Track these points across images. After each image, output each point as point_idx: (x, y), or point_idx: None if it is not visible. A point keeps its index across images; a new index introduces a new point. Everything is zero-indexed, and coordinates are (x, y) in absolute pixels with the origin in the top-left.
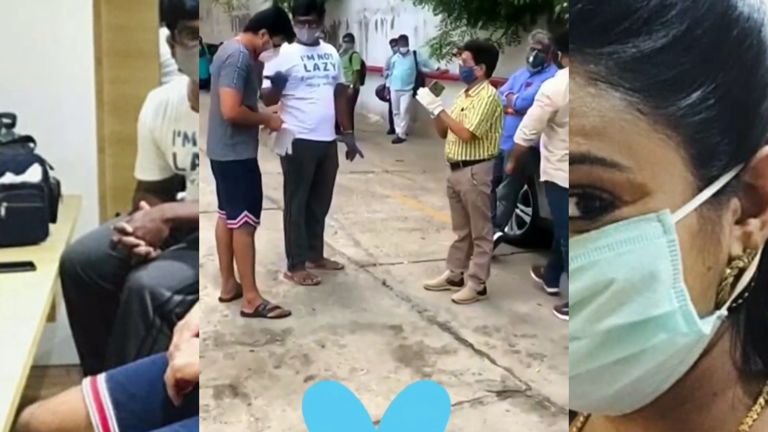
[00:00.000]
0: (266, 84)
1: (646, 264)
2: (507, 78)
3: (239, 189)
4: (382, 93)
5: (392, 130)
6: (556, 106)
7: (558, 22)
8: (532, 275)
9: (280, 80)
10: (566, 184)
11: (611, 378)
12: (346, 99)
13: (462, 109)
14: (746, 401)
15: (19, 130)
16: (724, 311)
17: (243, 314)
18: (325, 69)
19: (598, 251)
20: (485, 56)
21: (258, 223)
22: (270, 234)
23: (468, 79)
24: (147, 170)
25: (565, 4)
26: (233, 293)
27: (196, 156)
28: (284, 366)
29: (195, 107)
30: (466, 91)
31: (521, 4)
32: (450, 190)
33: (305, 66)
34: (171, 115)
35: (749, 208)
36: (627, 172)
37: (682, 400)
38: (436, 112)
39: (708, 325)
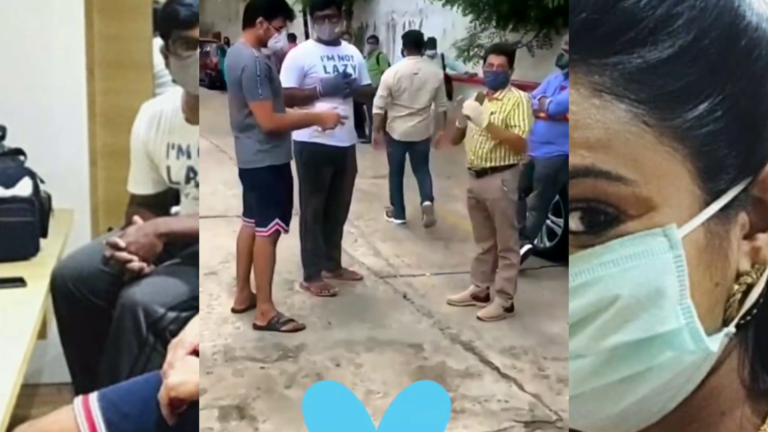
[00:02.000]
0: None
1: (652, 280)
2: (537, 82)
3: (273, 195)
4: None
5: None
6: None
7: None
8: None
9: (329, 86)
10: None
11: (616, 397)
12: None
13: (491, 113)
14: (754, 421)
15: (9, 142)
16: (732, 328)
17: (255, 327)
18: (345, 72)
19: (602, 267)
20: (513, 59)
21: (288, 230)
22: (288, 241)
23: (502, 84)
24: (140, 184)
25: None
26: (247, 304)
27: (190, 169)
28: (296, 386)
29: (189, 119)
30: (490, 95)
31: (553, 6)
32: (472, 200)
33: (324, 67)
34: (165, 127)
35: (758, 223)
36: (632, 186)
37: (689, 420)
38: (484, 125)
39: (715, 343)
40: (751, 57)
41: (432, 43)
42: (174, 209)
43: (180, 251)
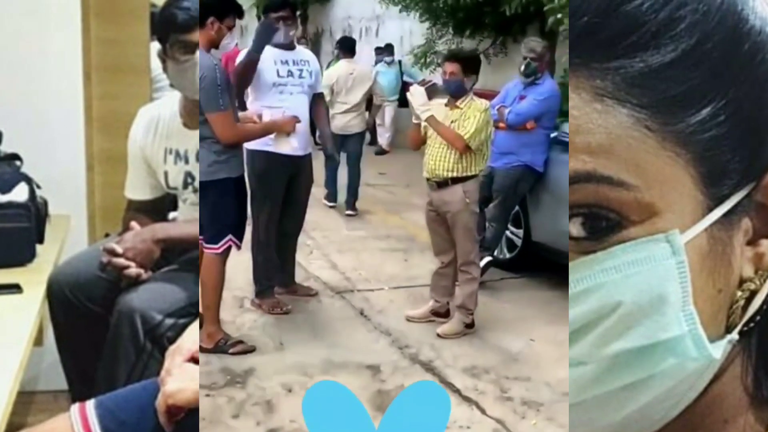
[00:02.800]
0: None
1: (655, 286)
2: (495, 90)
3: (227, 209)
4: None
5: (374, 141)
6: None
7: (550, 34)
8: None
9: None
10: None
11: (618, 404)
12: (325, 109)
13: (452, 122)
14: (758, 429)
15: (5, 147)
16: (735, 335)
17: (201, 350)
18: (300, 76)
19: (604, 273)
20: (473, 66)
21: (240, 246)
22: (238, 255)
23: (458, 91)
24: (137, 189)
25: (559, 15)
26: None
27: (188, 174)
28: (243, 415)
29: (187, 124)
30: (452, 103)
31: (510, 13)
32: (432, 213)
33: (278, 71)
34: (162, 132)
35: (761, 229)
36: (634, 191)
37: (691, 428)
38: (424, 117)
39: (718, 350)
40: (754, 61)
41: (389, 49)
42: (171, 215)
43: (178, 257)
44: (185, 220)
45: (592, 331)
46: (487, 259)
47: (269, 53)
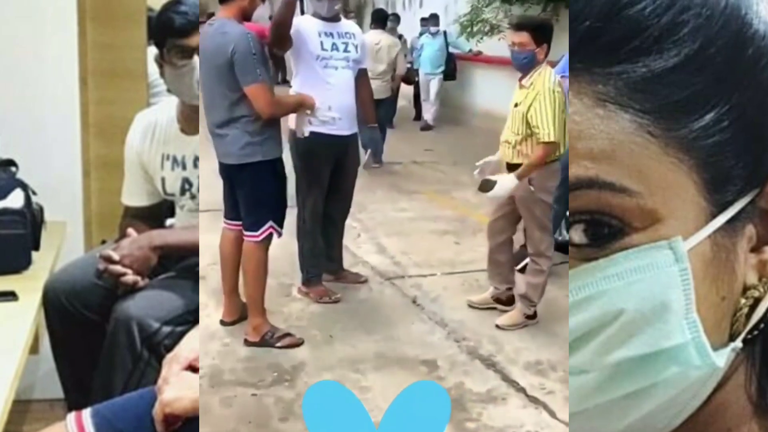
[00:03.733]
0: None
1: (658, 294)
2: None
3: (265, 194)
4: (408, 76)
5: (419, 116)
6: None
7: None
8: None
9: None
10: None
11: (620, 413)
12: (370, 87)
13: (516, 105)
14: None
15: (0, 153)
16: (738, 343)
17: (247, 343)
18: (346, 50)
19: (606, 280)
20: (545, 34)
21: (281, 233)
22: (282, 239)
23: (529, 65)
24: (134, 195)
25: None
26: (237, 315)
27: (185, 181)
28: (292, 418)
29: (185, 129)
30: (520, 79)
31: None
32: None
33: (322, 43)
34: (159, 137)
35: (765, 235)
36: (637, 198)
37: None
38: (517, 182)
39: (722, 358)
40: (758, 66)
41: (434, 19)
42: (169, 221)
43: (175, 264)
44: (183, 226)
45: (593, 339)
46: None
47: (312, 23)
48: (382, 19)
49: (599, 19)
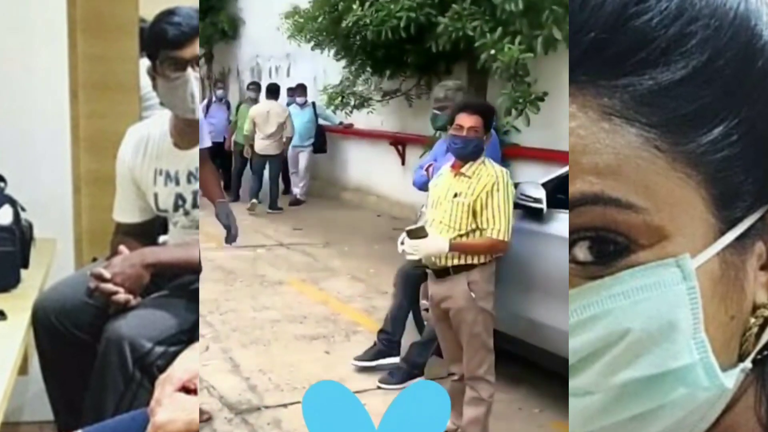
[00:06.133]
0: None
1: (665, 313)
2: (417, 134)
3: None
4: None
5: (287, 191)
6: None
7: (481, 71)
8: None
9: None
10: None
11: None
12: (210, 165)
13: (455, 195)
14: None
15: None
16: (748, 364)
17: None
18: None
19: (612, 299)
20: (491, 120)
21: None
22: None
23: (477, 153)
24: (126, 212)
25: (492, 51)
26: None
27: (179, 196)
28: None
29: (178, 144)
30: (457, 167)
31: (437, 51)
32: (436, 309)
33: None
34: (152, 152)
35: None
36: (644, 214)
37: None
38: (446, 250)
39: (731, 379)
40: None
41: (302, 89)
42: (162, 238)
43: (168, 282)
44: (176, 244)
45: (599, 359)
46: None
47: None
48: (273, 92)
49: (604, 30)
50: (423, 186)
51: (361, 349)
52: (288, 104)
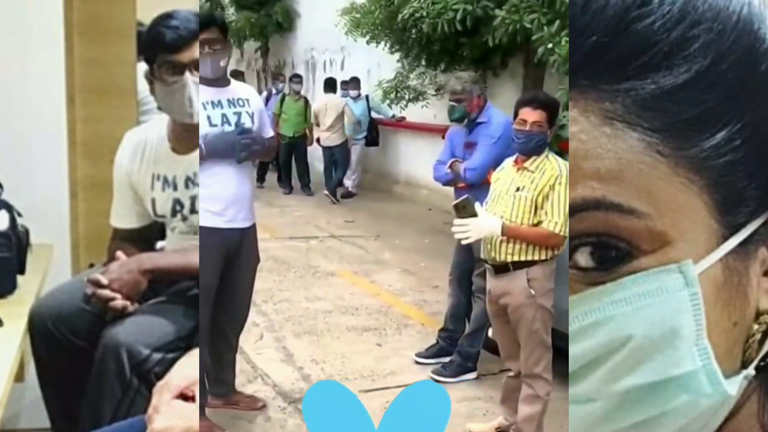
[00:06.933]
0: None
1: (667, 319)
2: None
3: None
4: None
5: (340, 183)
6: None
7: (538, 65)
8: None
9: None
10: None
11: None
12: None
13: (517, 189)
14: None
15: None
16: (751, 370)
17: None
18: (238, 123)
19: (614, 305)
20: (555, 114)
21: None
22: None
23: (538, 149)
24: (123, 217)
25: (549, 45)
26: None
27: (176, 202)
28: None
29: (176, 148)
30: (520, 162)
31: (493, 44)
32: (494, 306)
33: (209, 118)
34: (149, 157)
35: None
36: (646, 219)
37: None
38: (499, 232)
39: (734, 386)
40: None
41: (355, 82)
42: (159, 244)
43: (166, 289)
44: (174, 249)
45: (600, 366)
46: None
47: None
48: (331, 86)
49: (606, 33)
50: (446, 181)
51: (412, 342)
52: (342, 97)
